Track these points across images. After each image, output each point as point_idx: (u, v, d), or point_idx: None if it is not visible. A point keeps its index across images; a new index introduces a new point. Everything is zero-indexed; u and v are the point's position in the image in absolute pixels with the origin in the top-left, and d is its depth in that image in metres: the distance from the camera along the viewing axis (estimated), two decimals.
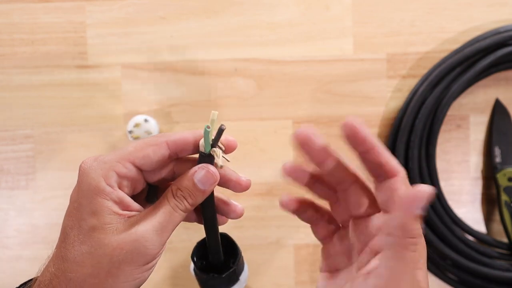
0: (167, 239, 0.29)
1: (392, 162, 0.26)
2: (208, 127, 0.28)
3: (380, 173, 0.27)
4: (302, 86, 0.55)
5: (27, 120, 0.56)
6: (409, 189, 0.25)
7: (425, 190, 0.24)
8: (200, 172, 0.29)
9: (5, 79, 0.56)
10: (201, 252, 0.36)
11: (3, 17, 0.55)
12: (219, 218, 0.33)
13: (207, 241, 0.34)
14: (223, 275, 0.36)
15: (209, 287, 0.37)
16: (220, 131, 0.28)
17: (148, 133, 0.52)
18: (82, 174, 0.29)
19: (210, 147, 0.29)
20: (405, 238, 0.25)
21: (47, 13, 0.55)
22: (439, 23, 0.55)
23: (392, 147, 0.54)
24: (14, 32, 0.55)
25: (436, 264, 0.55)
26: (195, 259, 0.36)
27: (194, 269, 0.37)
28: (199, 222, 0.33)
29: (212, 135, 0.29)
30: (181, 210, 0.29)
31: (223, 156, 0.30)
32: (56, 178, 0.55)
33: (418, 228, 0.25)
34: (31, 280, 0.31)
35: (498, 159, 0.55)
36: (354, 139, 0.26)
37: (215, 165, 0.29)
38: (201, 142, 0.29)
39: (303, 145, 0.26)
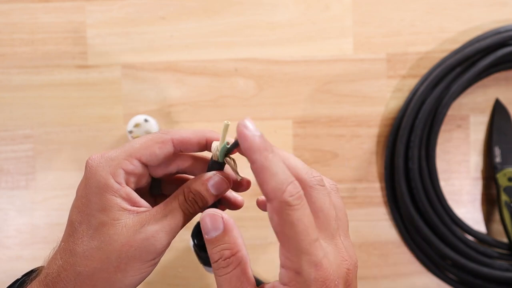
0: (174, 237, 0.30)
1: (267, 186, 0.24)
2: (228, 143, 0.29)
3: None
4: (302, 86, 0.55)
5: (27, 120, 0.56)
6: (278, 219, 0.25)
7: None
8: (214, 178, 0.30)
9: (5, 79, 0.56)
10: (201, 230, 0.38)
11: (3, 17, 0.55)
12: (220, 208, 0.34)
13: None
14: None
15: (208, 264, 0.39)
16: (236, 144, 0.29)
17: (148, 133, 0.52)
18: (90, 171, 0.29)
19: (224, 157, 0.30)
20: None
21: (47, 13, 0.55)
22: (439, 23, 0.55)
23: (392, 147, 0.54)
24: (14, 32, 0.55)
25: (436, 264, 0.55)
26: (195, 240, 0.37)
27: (194, 247, 0.38)
28: (200, 211, 0.34)
29: (224, 140, 0.30)
30: (191, 213, 0.30)
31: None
32: (56, 178, 0.55)
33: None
34: (33, 271, 0.31)
35: (498, 159, 0.55)
36: (242, 150, 0.25)
37: (234, 175, 0.31)
38: (213, 149, 0.30)
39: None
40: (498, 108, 0.55)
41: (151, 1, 0.55)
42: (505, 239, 0.55)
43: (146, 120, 0.52)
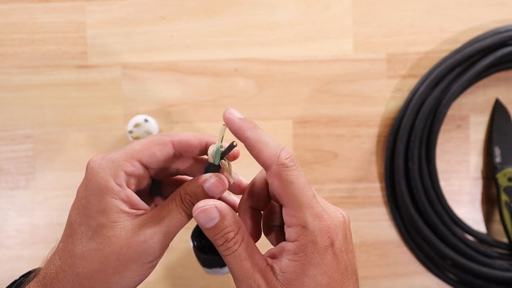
0: (172, 239, 0.30)
1: (263, 155, 0.27)
2: (221, 146, 0.30)
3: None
4: (302, 86, 0.55)
5: (27, 120, 0.56)
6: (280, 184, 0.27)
7: None
8: (210, 180, 0.30)
9: (5, 79, 0.56)
10: (201, 231, 0.37)
11: (3, 17, 0.55)
12: None
13: None
14: (219, 256, 0.37)
15: (207, 265, 0.39)
16: (231, 147, 0.30)
17: (148, 133, 0.52)
18: (91, 172, 0.29)
19: (219, 160, 0.31)
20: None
21: (47, 13, 0.55)
22: (439, 23, 0.55)
23: (392, 147, 0.54)
24: (14, 32, 0.55)
25: (436, 264, 0.55)
26: (195, 242, 0.37)
27: (193, 249, 0.38)
28: None
29: (219, 143, 0.30)
30: (188, 215, 0.30)
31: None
32: (56, 178, 0.55)
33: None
34: (31, 272, 0.31)
35: (498, 159, 0.55)
36: (233, 133, 0.28)
37: (227, 178, 0.31)
38: (210, 152, 0.30)
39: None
40: (498, 108, 0.55)
41: (151, 1, 0.55)
42: (505, 239, 0.55)
43: (146, 120, 0.52)
